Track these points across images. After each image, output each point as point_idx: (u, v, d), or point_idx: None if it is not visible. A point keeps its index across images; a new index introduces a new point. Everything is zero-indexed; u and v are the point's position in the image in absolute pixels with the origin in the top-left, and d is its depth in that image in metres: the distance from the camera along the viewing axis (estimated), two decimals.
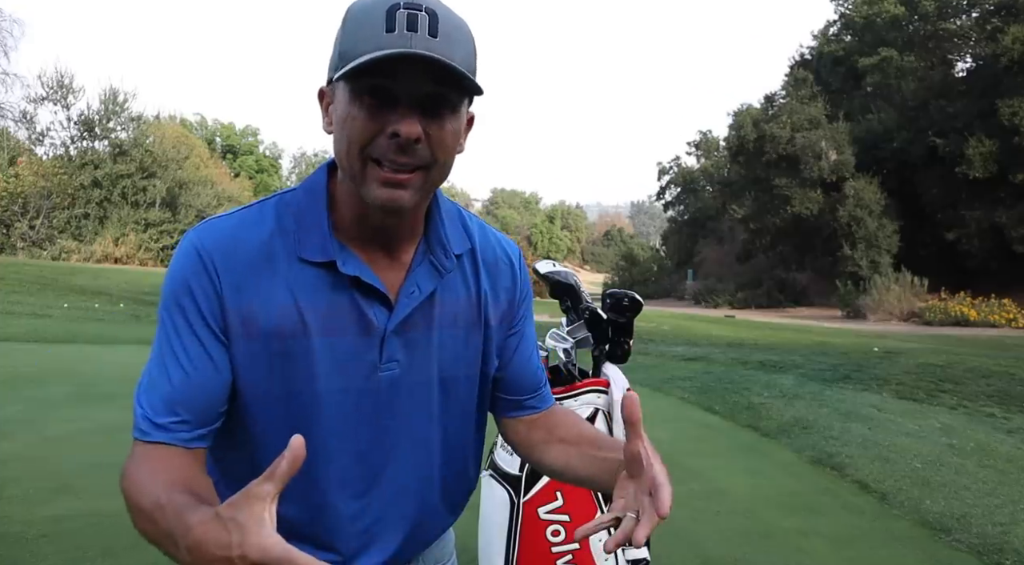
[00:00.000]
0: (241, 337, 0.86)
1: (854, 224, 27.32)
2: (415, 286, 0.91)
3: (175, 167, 33.57)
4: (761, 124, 30.35)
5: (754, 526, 3.61)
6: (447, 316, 0.95)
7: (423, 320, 0.93)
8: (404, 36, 0.77)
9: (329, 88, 0.87)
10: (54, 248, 29.34)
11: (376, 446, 0.93)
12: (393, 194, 0.82)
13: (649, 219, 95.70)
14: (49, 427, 4.76)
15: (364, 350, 0.89)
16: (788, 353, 11.39)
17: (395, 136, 0.79)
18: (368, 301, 0.89)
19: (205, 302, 0.85)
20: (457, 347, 0.97)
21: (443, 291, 0.94)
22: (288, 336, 0.86)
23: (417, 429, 0.96)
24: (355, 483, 0.94)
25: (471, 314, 0.98)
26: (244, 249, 0.86)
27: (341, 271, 0.86)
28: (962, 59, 30.30)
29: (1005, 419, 6.44)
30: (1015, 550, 3.34)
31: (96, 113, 32.07)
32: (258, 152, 56.84)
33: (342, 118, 0.82)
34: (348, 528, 0.94)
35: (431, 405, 0.97)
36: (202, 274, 0.85)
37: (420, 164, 0.82)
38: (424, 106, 0.80)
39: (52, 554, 2.84)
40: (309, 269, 0.87)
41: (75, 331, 10.11)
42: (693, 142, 43.00)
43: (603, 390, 2.03)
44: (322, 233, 0.87)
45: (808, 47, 36.75)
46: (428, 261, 0.93)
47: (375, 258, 0.90)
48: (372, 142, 0.80)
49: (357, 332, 0.89)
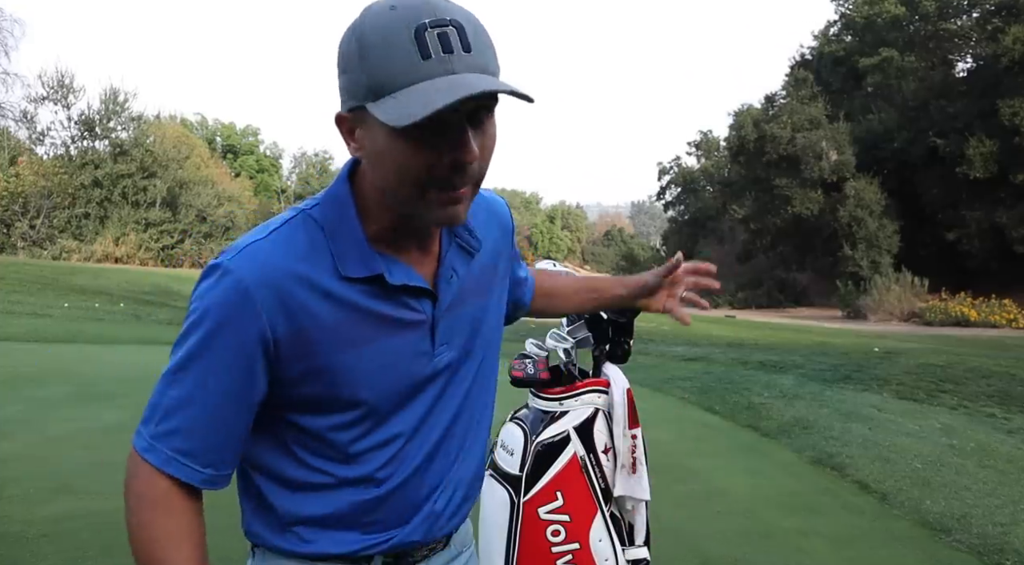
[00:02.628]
0: (296, 359, 0.87)
1: (854, 224, 27.32)
2: (451, 271, 0.95)
3: (175, 167, 33.58)
4: (761, 124, 30.36)
5: (754, 526, 3.61)
6: (477, 290, 1.01)
7: (461, 300, 0.97)
8: (443, 60, 0.75)
9: (352, 115, 0.83)
10: (54, 248, 29.35)
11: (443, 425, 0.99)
12: (454, 211, 0.84)
13: (649, 219, 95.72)
14: (49, 427, 4.76)
15: (417, 342, 0.93)
16: (788, 353, 11.39)
17: (456, 162, 0.79)
18: (415, 299, 0.92)
19: (253, 338, 0.84)
20: (488, 314, 1.04)
21: (472, 270, 0.99)
22: (343, 351, 0.88)
23: (473, 401, 1.03)
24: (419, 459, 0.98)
25: (491, 281, 1.05)
26: (287, 275, 0.85)
27: (389, 283, 0.88)
28: (962, 59, 30.33)
29: (1005, 419, 6.44)
30: (1015, 550, 3.34)
31: (96, 113, 32.07)
32: (258, 152, 56.80)
33: (387, 151, 0.80)
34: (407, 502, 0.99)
35: (476, 376, 1.03)
36: (249, 310, 0.84)
37: (476, 179, 0.84)
38: (471, 120, 0.79)
39: (52, 554, 2.84)
40: (354, 285, 0.87)
41: (75, 331, 10.11)
42: (693, 142, 43.07)
43: (603, 390, 2.03)
44: (361, 248, 0.88)
45: (808, 47, 36.81)
46: (456, 244, 0.96)
47: (411, 256, 0.92)
48: (430, 172, 0.80)
49: (408, 330, 0.92)
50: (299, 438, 0.92)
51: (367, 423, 0.92)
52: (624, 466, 1.98)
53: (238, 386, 0.86)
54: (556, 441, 1.76)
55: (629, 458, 1.99)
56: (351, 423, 0.91)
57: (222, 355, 0.84)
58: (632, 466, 1.98)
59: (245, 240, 0.88)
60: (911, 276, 24.12)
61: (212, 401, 0.86)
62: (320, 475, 0.93)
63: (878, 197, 27.61)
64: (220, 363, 0.85)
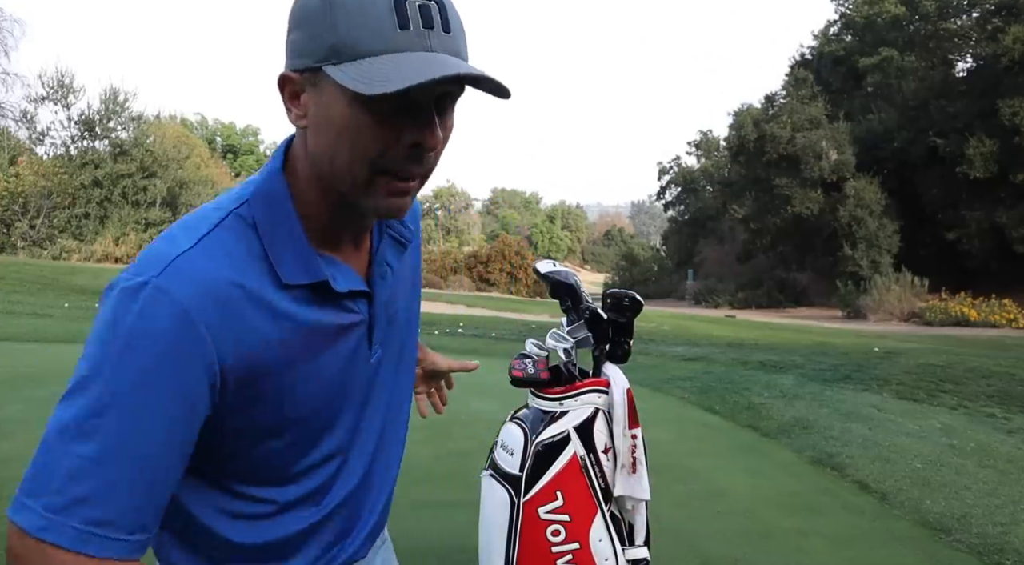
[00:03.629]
0: (243, 387, 0.76)
1: (854, 224, 27.33)
2: (385, 266, 0.90)
3: (175, 167, 33.59)
4: (761, 124, 30.36)
5: (754, 526, 3.61)
6: (405, 284, 0.97)
7: (393, 295, 0.93)
8: (422, 35, 0.70)
9: (301, 76, 0.74)
10: (54, 248, 29.35)
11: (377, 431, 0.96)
12: (399, 203, 0.78)
13: (649, 219, 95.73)
14: None
15: (356, 346, 0.87)
16: (788, 353, 11.39)
17: (415, 146, 0.73)
18: (354, 301, 0.85)
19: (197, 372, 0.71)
20: (412, 309, 1.01)
21: (402, 263, 0.95)
22: (288, 370, 0.79)
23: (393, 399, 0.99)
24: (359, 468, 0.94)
25: (413, 280, 1.01)
26: (228, 291, 0.73)
27: (335, 290, 0.80)
28: (962, 59, 30.32)
29: (1005, 419, 6.44)
30: (1015, 550, 3.34)
31: (96, 113, 32.06)
32: (259, 152, 56.85)
33: (342, 122, 0.72)
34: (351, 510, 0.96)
35: (401, 374, 1.00)
36: (191, 338, 0.70)
37: (427, 171, 0.78)
38: (436, 107, 0.74)
39: None
40: (294, 292, 0.78)
41: (75, 331, 10.11)
42: (693, 142, 43.08)
43: (603, 390, 2.03)
44: (301, 249, 0.78)
45: (808, 47, 36.82)
46: (388, 236, 0.90)
47: (346, 252, 0.85)
48: (384, 153, 0.73)
49: (348, 334, 0.85)
50: (235, 468, 0.82)
51: (309, 440, 0.85)
52: (624, 466, 1.98)
53: (178, 430, 0.71)
54: (556, 441, 1.76)
55: (629, 458, 1.99)
56: (292, 443, 0.83)
57: (157, 397, 0.69)
58: (632, 466, 1.98)
59: (168, 250, 0.73)
60: (911, 276, 24.12)
61: (140, 453, 0.69)
62: (259, 505, 0.85)
63: (878, 197, 27.61)
64: (154, 407, 0.69)
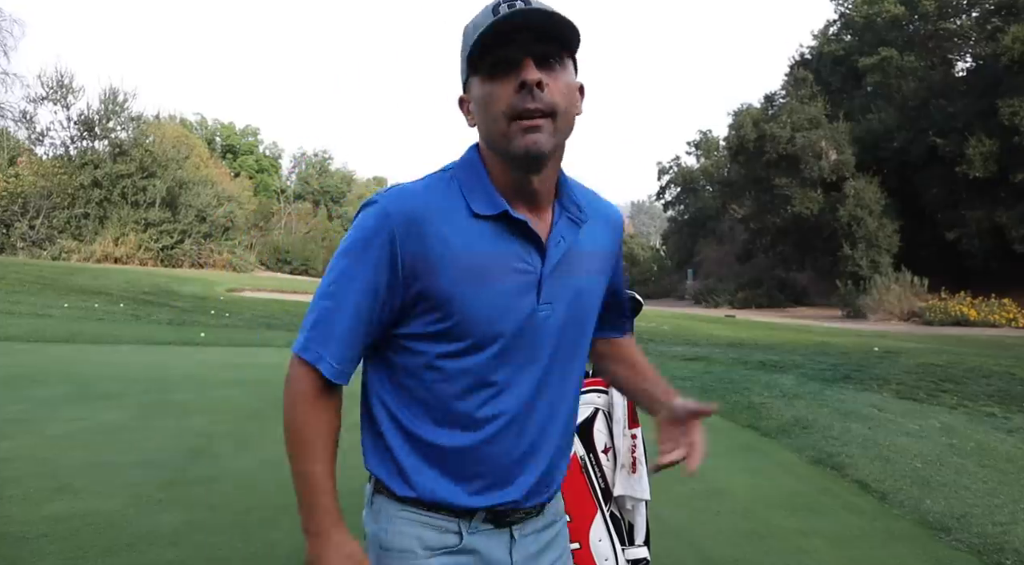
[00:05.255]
0: (418, 279, 1.01)
1: (854, 224, 27.31)
2: (560, 236, 1.08)
3: (175, 167, 33.54)
4: (761, 124, 30.34)
5: (754, 526, 3.61)
6: (584, 264, 1.12)
7: (567, 267, 1.09)
8: (507, 10, 0.96)
9: (467, 94, 1.06)
10: (54, 248, 29.33)
11: (537, 381, 1.08)
12: (533, 139, 0.98)
13: (649, 219, 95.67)
14: (49, 427, 4.76)
15: (525, 291, 1.04)
16: (788, 353, 11.39)
17: (523, 85, 0.97)
18: (529, 248, 1.05)
19: (386, 258, 1.01)
20: (591, 292, 1.15)
21: (580, 243, 1.11)
22: (459, 281, 1.01)
23: (565, 366, 1.12)
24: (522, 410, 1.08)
25: (598, 263, 1.16)
26: (424, 208, 1.02)
27: (513, 217, 1.03)
28: (962, 59, 30.30)
29: (1005, 419, 6.44)
30: (1015, 550, 3.34)
31: (96, 113, 32.04)
32: (258, 152, 56.80)
33: (482, 100, 1.01)
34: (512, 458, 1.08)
35: (575, 344, 1.13)
36: (385, 232, 1.01)
37: (546, 108, 0.98)
38: (538, 61, 0.98)
39: (52, 554, 2.84)
40: (482, 222, 1.03)
41: (75, 331, 10.11)
42: (693, 142, 43.03)
43: (603, 390, 2.03)
44: (488, 192, 1.04)
45: (808, 47, 36.78)
46: (566, 217, 1.10)
47: (526, 214, 1.06)
48: (510, 102, 0.98)
49: (520, 275, 1.04)
50: (412, 366, 1.06)
51: (471, 358, 1.04)
52: (624, 466, 1.98)
53: (371, 294, 1.02)
54: None
55: (629, 458, 1.99)
56: (457, 353, 1.03)
57: (362, 270, 1.02)
58: (632, 466, 1.98)
59: (397, 186, 1.08)
60: (911, 276, 24.11)
61: (350, 305, 1.02)
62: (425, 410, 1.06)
63: (878, 197, 27.60)
64: (359, 276, 1.02)
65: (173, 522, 3.20)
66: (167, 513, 3.30)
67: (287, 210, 50.45)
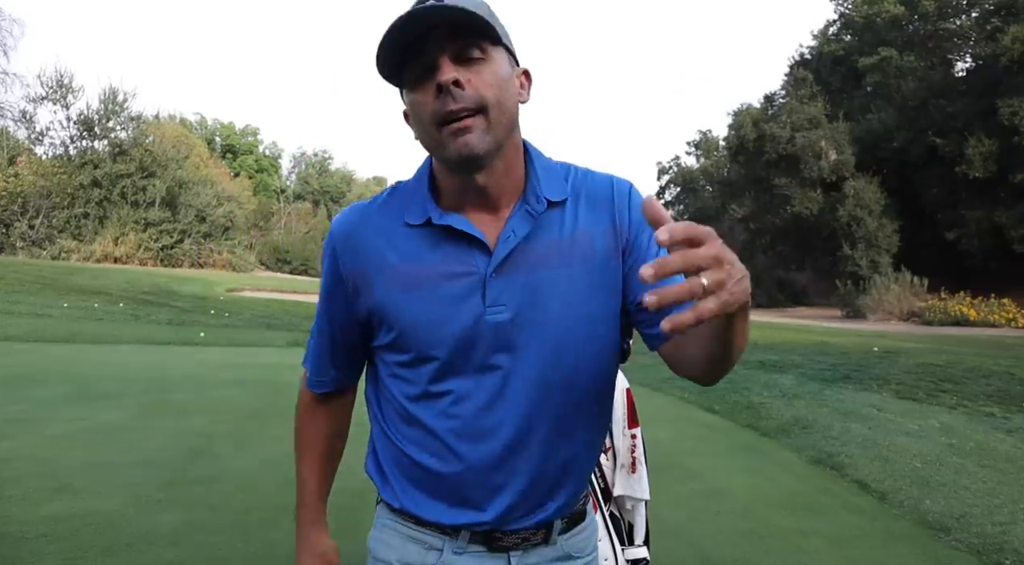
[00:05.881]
0: (361, 294, 1.02)
1: (854, 224, 27.32)
2: (511, 231, 0.98)
3: (175, 167, 33.54)
4: (761, 124, 30.35)
5: (754, 526, 3.61)
6: (556, 257, 0.99)
7: (523, 263, 0.98)
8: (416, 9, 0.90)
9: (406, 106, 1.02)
10: (54, 248, 29.33)
11: (495, 390, 0.99)
12: (464, 141, 0.92)
13: None
14: (49, 427, 4.76)
15: (467, 294, 0.97)
16: (788, 353, 11.40)
17: (439, 89, 0.91)
18: (468, 250, 0.98)
19: (335, 276, 1.05)
20: (572, 286, 0.99)
21: (546, 233, 0.99)
22: (397, 292, 0.99)
23: (535, 372, 0.98)
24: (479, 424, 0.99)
25: (579, 251, 0.99)
26: (363, 225, 1.03)
27: (435, 223, 0.98)
28: (962, 59, 30.31)
29: (1005, 419, 6.44)
30: (1015, 550, 3.34)
31: (96, 113, 32.05)
32: (258, 152, 56.83)
33: (412, 112, 0.97)
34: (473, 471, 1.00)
35: (548, 346, 0.98)
36: (331, 252, 1.05)
37: (471, 106, 0.91)
38: (456, 58, 0.92)
39: (52, 554, 2.84)
40: (413, 230, 1.00)
41: (75, 331, 10.11)
42: (693, 142, 43.05)
43: None
44: (422, 201, 1.01)
45: (808, 47, 36.79)
46: (524, 210, 1.00)
47: (478, 217, 1.00)
48: (433, 111, 0.92)
49: (460, 279, 0.98)
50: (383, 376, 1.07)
51: (423, 368, 1.00)
52: (624, 466, 1.98)
53: (331, 313, 1.09)
54: None
55: (629, 458, 1.99)
56: (408, 364, 1.02)
57: (323, 289, 1.09)
58: (632, 466, 1.98)
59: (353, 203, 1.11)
60: (910, 276, 24.11)
61: (322, 325, 1.11)
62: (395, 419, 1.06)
63: (877, 197, 27.60)
64: (323, 294, 1.09)
65: (173, 522, 3.20)
66: (167, 513, 3.30)
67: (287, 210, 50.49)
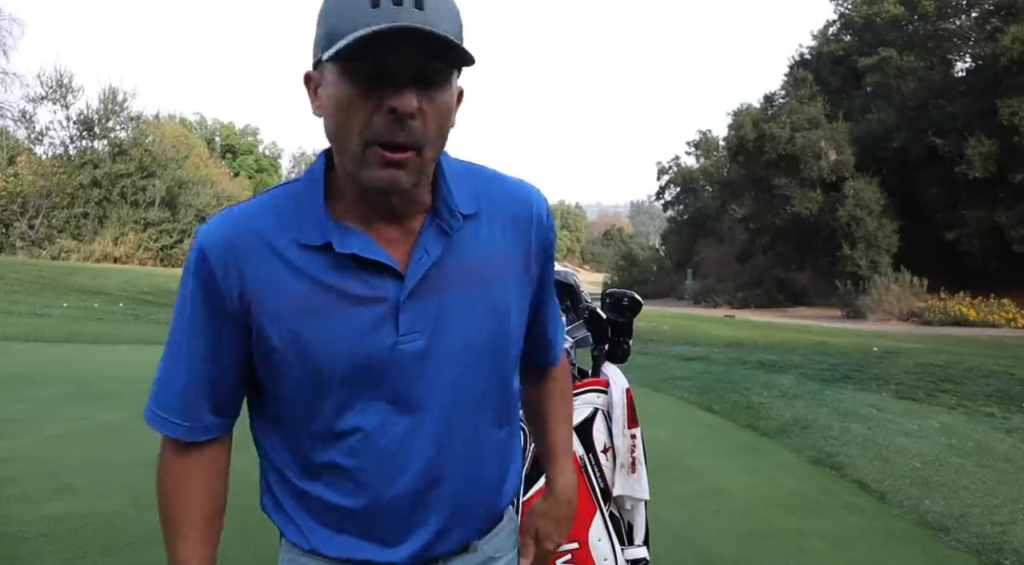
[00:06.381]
0: (254, 320, 0.89)
1: (854, 224, 27.30)
2: (423, 251, 0.90)
3: (175, 167, 33.51)
4: (761, 124, 30.33)
5: (754, 526, 3.61)
6: (468, 278, 0.92)
7: (441, 285, 0.90)
8: (391, 11, 0.77)
9: (316, 71, 0.86)
10: (53, 248, 29.30)
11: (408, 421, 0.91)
12: (392, 175, 0.82)
13: (649, 219, 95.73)
14: (49, 427, 4.76)
15: (379, 322, 0.88)
16: (788, 353, 11.39)
17: (392, 112, 0.79)
18: (376, 275, 0.88)
19: (213, 300, 0.89)
20: (485, 309, 0.94)
21: (459, 253, 0.92)
22: (297, 320, 0.87)
23: (449, 399, 0.93)
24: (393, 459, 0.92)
25: (491, 273, 0.95)
26: (247, 241, 0.88)
27: (338, 251, 0.87)
28: (962, 59, 30.30)
29: (1004, 419, 6.44)
30: (1014, 550, 3.34)
31: (95, 112, 32.00)
32: (258, 152, 56.78)
33: (335, 100, 0.82)
34: (390, 509, 0.93)
35: (461, 371, 0.93)
36: (202, 267, 0.88)
37: (415, 141, 0.82)
38: (417, 80, 0.80)
39: (52, 554, 2.84)
40: (311, 252, 0.88)
41: (75, 331, 10.10)
42: (693, 142, 42.97)
43: (603, 390, 2.03)
44: (318, 217, 0.88)
45: (808, 47, 36.75)
46: (435, 225, 0.91)
47: (384, 232, 0.90)
48: (370, 123, 0.81)
49: (367, 307, 0.88)
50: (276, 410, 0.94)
51: (329, 401, 0.89)
52: (623, 466, 1.98)
53: (207, 344, 0.90)
54: None
55: (628, 458, 1.99)
56: (313, 397, 0.90)
57: (192, 316, 0.90)
58: (631, 466, 1.98)
59: (223, 210, 0.93)
60: (910, 276, 24.09)
61: (185, 353, 0.91)
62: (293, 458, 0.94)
63: (877, 197, 27.59)
64: (190, 324, 0.90)
65: None
66: None
67: None
